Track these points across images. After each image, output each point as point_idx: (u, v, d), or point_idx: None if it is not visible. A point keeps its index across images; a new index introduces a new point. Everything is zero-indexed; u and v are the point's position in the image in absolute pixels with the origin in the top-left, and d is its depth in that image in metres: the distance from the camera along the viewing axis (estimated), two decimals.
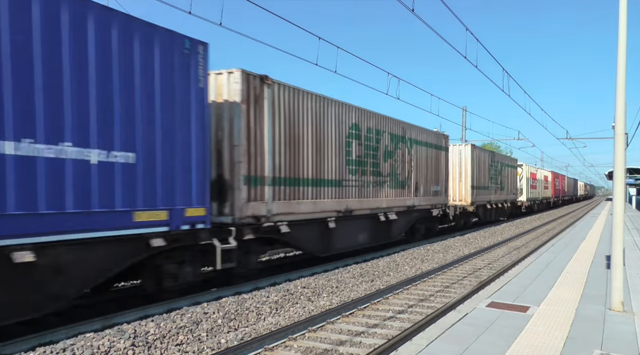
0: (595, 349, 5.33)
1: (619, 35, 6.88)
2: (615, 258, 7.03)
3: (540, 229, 27.43)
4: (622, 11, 6.89)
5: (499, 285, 8.80)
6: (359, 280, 11.41)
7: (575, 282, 9.08)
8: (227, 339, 7.10)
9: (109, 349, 6.38)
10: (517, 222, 32.51)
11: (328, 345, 6.90)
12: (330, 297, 9.78)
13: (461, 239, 20.74)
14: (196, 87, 8.88)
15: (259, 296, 9.30)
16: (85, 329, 7.12)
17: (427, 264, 14.11)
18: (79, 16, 7.06)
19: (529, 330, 6.01)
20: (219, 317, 7.91)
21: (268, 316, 8.35)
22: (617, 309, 6.91)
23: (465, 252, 16.94)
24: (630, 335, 5.87)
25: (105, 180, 7.35)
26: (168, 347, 6.65)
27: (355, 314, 8.65)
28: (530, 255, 14.36)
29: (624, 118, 6.99)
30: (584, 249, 14.38)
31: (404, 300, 9.72)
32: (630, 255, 12.78)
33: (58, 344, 6.42)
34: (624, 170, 7.04)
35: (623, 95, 6.91)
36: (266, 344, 6.81)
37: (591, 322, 6.39)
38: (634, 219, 30.74)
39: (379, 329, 7.78)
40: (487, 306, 7.18)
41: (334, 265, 13.03)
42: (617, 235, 7.03)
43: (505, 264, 14.09)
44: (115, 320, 7.57)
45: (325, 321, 8.03)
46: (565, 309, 7.07)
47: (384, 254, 15.50)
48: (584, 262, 11.73)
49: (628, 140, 21.78)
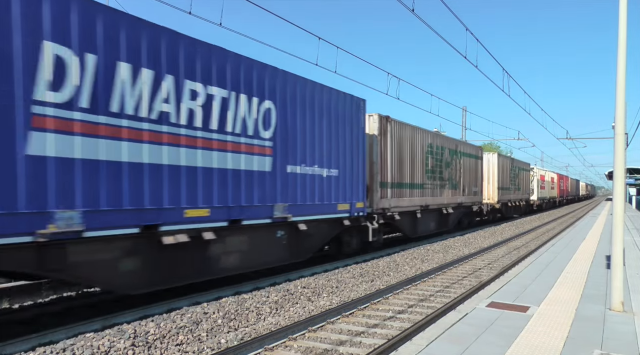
0: (595, 349, 5.33)
1: (619, 35, 6.88)
2: (615, 258, 7.03)
3: (540, 229, 27.43)
4: (622, 11, 6.89)
5: (499, 285, 8.80)
6: (359, 280, 11.41)
7: (575, 282, 9.08)
8: (227, 339, 7.10)
9: (109, 349, 6.38)
10: (517, 222, 32.54)
11: (328, 345, 6.90)
12: (330, 297, 9.78)
13: (461, 239, 20.75)
14: (362, 127, 14.11)
15: (259, 296, 9.30)
16: (85, 329, 7.12)
17: (427, 264, 14.11)
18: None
19: (529, 330, 6.01)
20: (219, 317, 7.91)
21: (268, 316, 8.35)
22: (617, 309, 6.91)
23: (465, 252, 16.94)
24: (630, 335, 5.87)
25: (328, 186, 12.54)
26: (168, 347, 6.65)
27: (355, 314, 8.65)
28: (530, 255, 14.36)
29: (624, 118, 6.99)
30: (584, 249, 14.39)
31: (404, 300, 9.72)
32: (630, 255, 12.78)
33: (58, 344, 6.42)
34: (624, 170, 7.04)
35: (623, 95, 6.91)
36: (266, 344, 6.81)
37: (591, 322, 6.39)
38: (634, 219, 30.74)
39: (379, 329, 7.78)
40: (487, 306, 7.18)
41: (334, 265, 13.04)
42: (617, 235, 7.04)
43: (505, 264, 14.09)
44: (115, 320, 7.57)
45: (325, 321, 8.04)
46: (565, 309, 7.07)
47: (384, 254, 15.50)
48: (584, 262, 11.73)
49: (628, 140, 21.99)
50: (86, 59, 7.09)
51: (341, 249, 14.17)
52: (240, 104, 9.78)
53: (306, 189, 11.70)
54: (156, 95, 8.11)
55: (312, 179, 11.93)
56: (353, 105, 13.59)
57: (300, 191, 11.49)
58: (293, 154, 11.28)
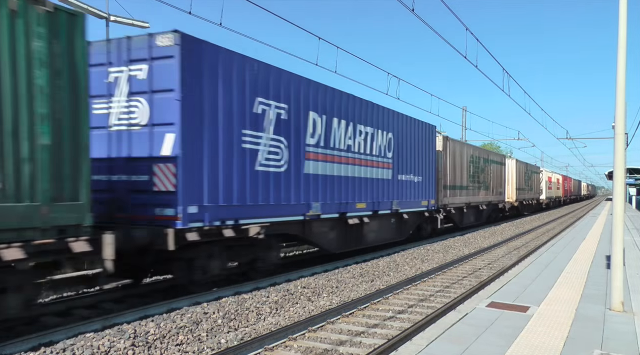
0: (595, 349, 5.33)
1: (619, 35, 6.88)
2: (615, 258, 7.03)
3: (540, 229, 27.42)
4: (622, 11, 6.89)
5: (499, 285, 8.80)
6: (359, 280, 11.41)
7: (575, 282, 9.08)
8: (227, 339, 7.10)
9: (109, 349, 6.37)
10: (517, 222, 32.54)
11: (328, 345, 6.90)
12: (330, 297, 9.78)
13: (461, 239, 20.75)
14: (434, 146, 19.53)
15: (259, 296, 9.30)
16: (85, 329, 7.12)
17: (427, 264, 14.11)
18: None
19: (529, 330, 6.01)
20: (219, 317, 7.91)
21: (268, 316, 8.35)
22: (617, 309, 6.91)
23: (465, 252, 16.94)
24: (630, 335, 5.87)
25: (417, 188, 17.62)
26: (168, 347, 6.65)
27: (355, 314, 8.64)
28: (530, 255, 14.36)
29: (624, 118, 6.99)
30: (584, 249, 14.39)
31: (404, 300, 9.72)
32: (630, 255, 12.78)
33: (58, 344, 6.42)
34: (624, 170, 7.04)
35: (623, 95, 6.91)
36: (266, 344, 6.81)
37: (591, 322, 6.39)
38: (634, 219, 30.74)
39: (379, 329, 7.77)
40: (487, 306, 7.18)
41: (334, 265, 13.03)
42: (617, 235, 7.03)
43: (505, 264, 14.09)
44: (115, 320, 7.57)
45: (325, 321, 8.03)
46: (565, 309, 7.07)
47: (384, 254, 15.50)
48: (584, 262, 11.73)
49: (628, 140, 22.23)
50: (321, 119, 12.26)
51: (420, 233, 19.34)
52: (377, 136, 15.02)
53: (407, 191, 16.92)
54: (344, 134, 13.23)
55: (410, 184, 17.19)
56: (429, 130, 18.90)
57: (404, 192, 16.71)
58: (401, 166, 16.53)
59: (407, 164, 16.89)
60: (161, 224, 8.44)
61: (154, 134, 8.60)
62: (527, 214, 41.58)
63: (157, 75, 8.54)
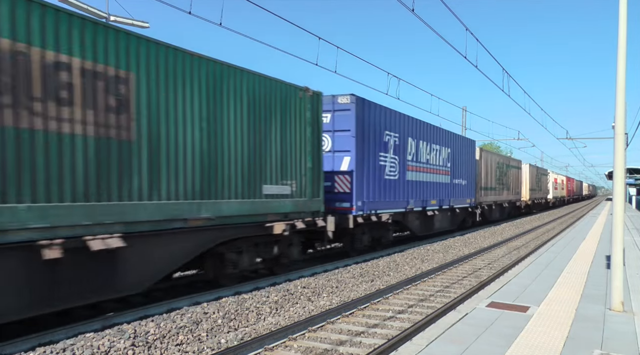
0: (595, 349, 5.33)
1: (619, 35, 6.88)
2: (615, 258, 7.03)
3: (540, 229, 27.43)
4: (622, 11, 6.89)
5: (498, 285, 8.80)
6: (359, 280, 11.41)
7: (575, 282, 9.08)
8: (227, 339, 7.10)
9: (109, 349, 6.38)
10: (517, 222, 32.55)
11: (328, 345, 6.90)
12: (330, 297, 9.78)
13: (461, 239, 20.75)
14: (474, 155, 24.93)
15: (259, 296, 9.30)
16: (85, 329, 7.12)
17: (427, 264, 14.11)
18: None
19: (529, 330, 6.01)
20: (219, 317, 7.91)
21: (268, 316, 8.35)
22: (617, 309, 6.91)
23: (465, 252, 16.94)
24: (630, 335, 5.87)
25: (463, 189, 23.18)
26: (168, 347, 6.65)
27: (355, 314, 8.64)
28: (530, 255, 14.36)
29: (624, 118, 6.99)
30: (583, 249, 14.39)
31: (404, 300, 9.72)
32: (630, 255, 12.78)
33: (58, 344, 6.42)
34: (624, 170, 7.04)
35: (623, 95, 6.91)
36: (266, 344, 6.81)
37: (591, 322, 6.39)
38: (634, 219, 30.74)
39: (379, 329, 7.77)
40: (487, 306, 7.18)
41: (334, 265, 13.04)
42: (617, 235, 7.03)
43: (505, 264, 14.09)
44: (115, 320, 7.57)
45: (325, 321, 8.03)
46: (565, 309, 7.07)
47: (384, 254, 15.50)
48: (584, 262, 11.73)
49: (628, 140, 22.54)
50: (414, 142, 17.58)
51: (463, 224, 24.61)
52: (442, 151, 20.35)
53: (458, 191, 22.19)
54: (425, 151, 18.46)
55: (460, 186, 22.44)
56: (471, 144, 24.61)
57: (456, 192, 21.98)
58: (455, 173, 21.73)
59: (458, 170, 22.24)
60: (343, 213, 13.61)
61: (335, 157, 13.94)
62: (535, 211, 46.38)
63: (338, 121, 13.80)
